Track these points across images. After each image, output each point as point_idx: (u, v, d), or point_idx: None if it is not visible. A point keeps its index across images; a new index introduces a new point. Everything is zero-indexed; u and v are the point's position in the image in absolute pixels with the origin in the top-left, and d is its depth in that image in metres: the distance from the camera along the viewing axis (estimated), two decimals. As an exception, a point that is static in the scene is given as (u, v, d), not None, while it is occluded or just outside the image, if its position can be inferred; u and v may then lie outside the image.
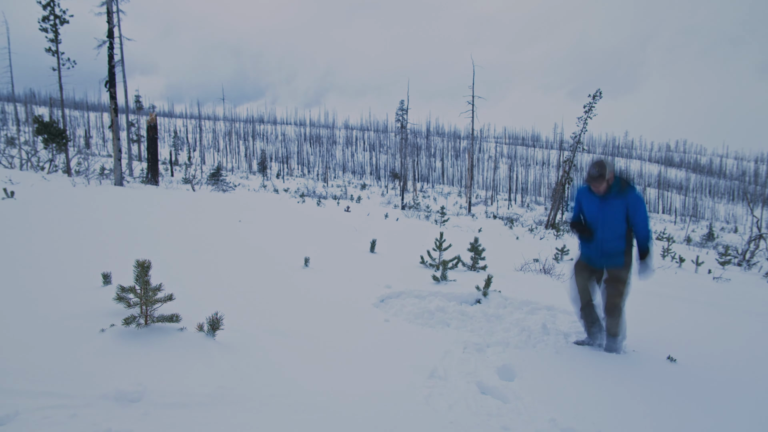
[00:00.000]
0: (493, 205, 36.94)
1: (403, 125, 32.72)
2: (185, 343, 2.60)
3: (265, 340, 3.01)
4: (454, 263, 6.46)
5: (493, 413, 2.56)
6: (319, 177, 52.29)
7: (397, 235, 10.58)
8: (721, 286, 8.37)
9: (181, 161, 45.02)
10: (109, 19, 12.79)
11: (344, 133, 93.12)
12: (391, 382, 2.76)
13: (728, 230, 34.09)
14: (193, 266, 4.64)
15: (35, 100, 68.64)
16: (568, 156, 22.81)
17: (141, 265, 2.62)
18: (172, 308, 3.02)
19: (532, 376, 3.16)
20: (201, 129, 51.95)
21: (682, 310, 5.51)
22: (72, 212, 6.63)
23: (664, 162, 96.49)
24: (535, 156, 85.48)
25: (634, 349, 3.82)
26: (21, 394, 1.92)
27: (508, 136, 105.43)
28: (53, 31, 18.46)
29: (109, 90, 13.01)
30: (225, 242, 6.23)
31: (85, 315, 2.80)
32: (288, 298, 4.14)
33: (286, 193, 25.72)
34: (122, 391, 2.02)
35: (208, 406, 2.08)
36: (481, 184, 68.03)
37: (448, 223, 17.18)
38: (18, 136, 29.01)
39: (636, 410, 2.73)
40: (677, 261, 11.19)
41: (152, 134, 15.37)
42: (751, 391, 3.15)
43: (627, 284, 3.67)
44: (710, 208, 62.88)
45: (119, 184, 12.55)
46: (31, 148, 21.11)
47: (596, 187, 3.60)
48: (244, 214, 9.82)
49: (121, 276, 3.59)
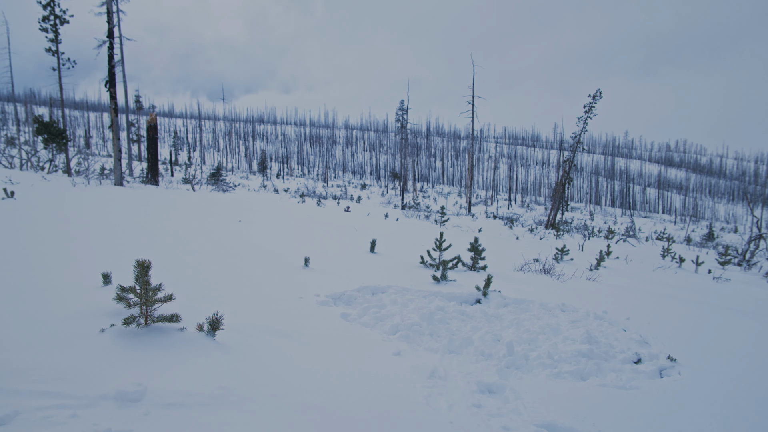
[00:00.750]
0: (493, 205, 36.93)
1: (403, 125, 32.71)
2: (185, 343, 2.60)
3: (265, 339, 3.02)
4: (454, 263, 6.46)
5: (494, 413, 2.56)
6: (319, 177, 52.30)
7: (397, 235, 10.58)
8: (721, 286, 8.37)
9: (181, 161, 45.02)
10: (109, 19, 12.80)
11: (344, 133, 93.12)
12: (391, 381, 2.76)
13: (728, 230, 34.10)
14: (193, 266, 4.64)
15: (35, 100, 68.64)
16: (568, 156, 22.82)
17: (141, 265, 2.62)
18: (172, 308, 3.02)
19: (532, 375, 3.16)
20: (201, 129, 51.91)
21: (682, 310, 5.51)
22: (72, 212, 6.63)
23: (664, 162, 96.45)
24: (535, 156, 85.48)
25: (639, 352, 3.82)
26: (21, 394, 1.92)
27: (508, 136, 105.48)
28: (53, 31, 18.45)
29: (109, 90, 13.01)
30: (225, 242, 6.23)
31: (85, 315, 2.80)
32: (288, 298, 4.14)
33: (286, 193, 25.72)
34: (122, 391, 2.02)
35: (208, 406, 2.08)
36: (481, 184, 68.03)
37: (448, 223, 17.18)
38: (18, 136, 29.00)
39: (636, 409, 2.73)
40: (677, 261, 11.19)
41: (152, 134, 15.37)
42: (752, 391, 3.15)
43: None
44: (710, 208, 62.86)
45: (119, 184, 12.55)
46: (31, 148, 21.12)
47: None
48: (244, 214, 9.82)
49: (121, 276, 3.59)
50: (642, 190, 66.63)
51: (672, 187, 76.27)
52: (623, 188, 60.96)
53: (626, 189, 59.50)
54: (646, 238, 20.73)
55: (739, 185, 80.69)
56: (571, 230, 20.72)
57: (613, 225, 28.37)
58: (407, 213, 20.64)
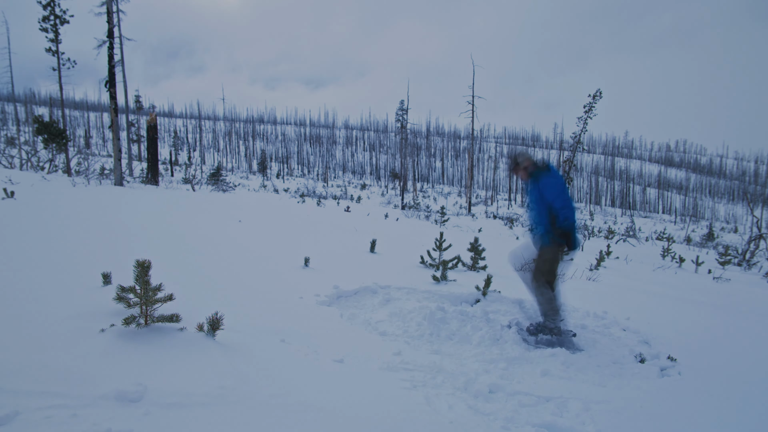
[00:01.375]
0: (493, 205, 36.93)
1: (403, 125, 32.72)
2: (185, 343, 2.60)
3: (265, 339, 3.02)
4: (454, 263, 6.46)
5: (493, 413, 2.56)
6: (319, 177, 52.28)
7: (397, 235, 10.58)
8: (721, 286, 8.36)
9: (181, 161, 45.01)
10: (109, 19, 12.79)
11: (344, 133, 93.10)
12: (391, 381, 2.76)
13: (728, 230, 34.09)
14: (194, 266, 4.64)
15: (35, 100, 68.63)
16: (568, 156, 22.83)
17: (141, 265, 2.62)
18: (172, 308, 3.02)
19: (531, 374, 3.16)
20: (201, 129, 51.95)
21: (682, 310, 5.51)
22: (72, 212, 6.63)
23: (664, 162, 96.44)
24: (535, 156, 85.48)
25: (639, 352, 3.82)
26: (21, 394, 1.92)
27: (508, 136, 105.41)
28: (53, 31, 18.45)
29: (109, 90, 13.00)
30: (225, 242, 6.23)
31: (85, 315, 2.80)
32: (288, 298, 4.14)
33: (286, 193, 25.73)
34: (122, 391, 2.03)
35: (208, 406, 2.08)
36: (481, 184, 68.02)
37: (448, 223, 17.18)
38: (18, 136, 29.01)
39: (636, 410, 2.73)
40: (677, 261, 11.19)
41: (152, 134, 15.37)
42: (752, 392, 3.16)
43: (545, 261, 3.83)
44: (710, 208, 62.87)
45: (119, 184, 12.55)
46: (31, 148, 21.12)
47: (520, 177, 4.04)
48: (244, 214, 9.83)
49: (121, 276, 3.59)
50: (642, 190, 66.64)
51: (672, 187, 76.27)
52: (623, 188, 60.98)
53: (626, 189, 59.52)
54: (646, 238, 20.73)
55: (739, 185, 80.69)
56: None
57: (613, 225, 28.38)
58: (407, 213, 20.64)
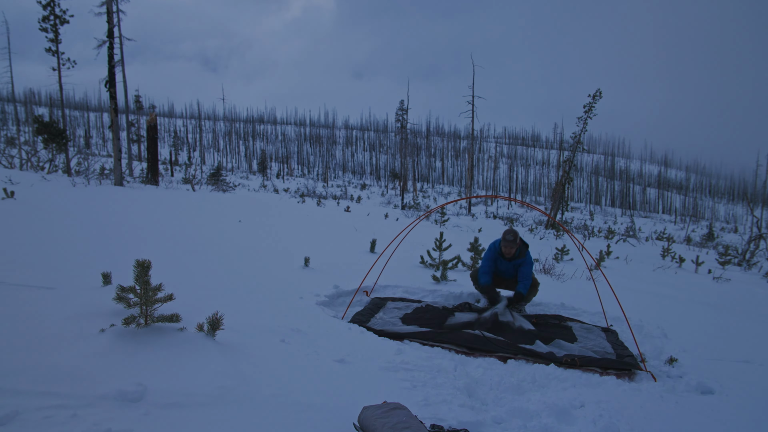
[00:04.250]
0: (493, 205, 36.93)
1: (403, 125, 32.73)
2: (185, 343, 2.60)
3: (265, 339, 3.02)
4: (454, 263, 6.46)
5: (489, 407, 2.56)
6: (319, 177, 52.27)
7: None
8: (721, 286, 8.36)
9: (181, 161, 45.00)
10: (109, 19, 12.79)
11: (344, 133, 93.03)
12: (391, 381, 2.76)
13: (728, 230, 34.07)
14: (194, 266, 4.65)
15: (35, 100, 68.60)
16: (568, 156, 22.82)
17: (141, 265, 2.62)
18: (172, 308, 3.02)
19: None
20: (201, 129, 51.95)
21: (682, 310, 5.52)
22: (72, 212, 6.63)
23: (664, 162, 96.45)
24: (535, 156, 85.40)
25: (642, 352, 3.82)
26: (21, 394, 1.92)
27: (508, 136, 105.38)
28: (53, 31, 18.43)
29: (109, 90, 13.00)
30: (225, 242, 6.23)
31: (85, 315, 2.80)
32: (288, 298, 4.14)
33: (286, 193, 25.72)
34: (122, 391, 2.03)
35: (208, 406, 2.09)
36: (481, 184, 68.02)
37: (448, 223, 17.17)
38: (18, 136, 29.01)
39: (637, 410, 2.73)
40: (677, 261, 11.18)
41: (152, 134, 15.36)
42: (752, 391, 3.16)
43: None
44: (710, 208, 62.86)
45: (119, 184, 12.54)
46: (31, 148, 21.12)
47: (508, 250, 4.50)
48: (244, 214, 9.83)
49: (121, 276, 3.59)
50: (642, 190, 66.60)
51: (672, 187, 76.25)
52: (623, 188, 60.93)
53: (626, 189, 59.48)
54: (646, 238, 20.72)
55: (739, 185, 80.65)
56: (571, 230, 20.72)
57: (613, 225, 28.37)
58: (407, 213, 20.64)
